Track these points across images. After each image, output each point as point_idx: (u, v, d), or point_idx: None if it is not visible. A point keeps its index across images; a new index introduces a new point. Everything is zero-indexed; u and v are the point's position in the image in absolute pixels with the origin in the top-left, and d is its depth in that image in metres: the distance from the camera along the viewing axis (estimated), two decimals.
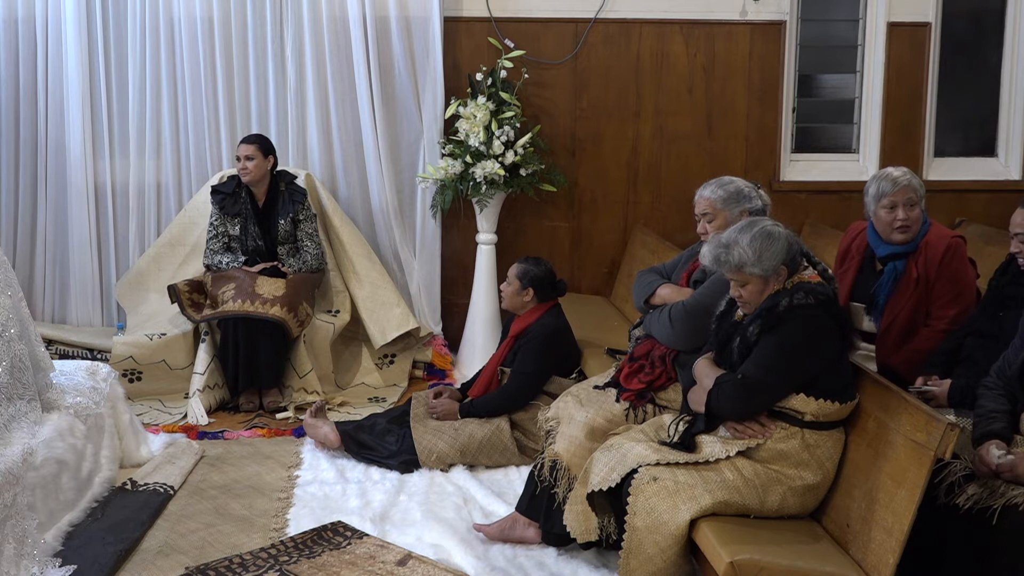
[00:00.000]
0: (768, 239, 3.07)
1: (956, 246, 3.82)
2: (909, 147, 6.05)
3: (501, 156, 5.41)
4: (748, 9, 5.86)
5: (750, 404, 3.05)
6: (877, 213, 3.85)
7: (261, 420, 4.88)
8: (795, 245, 3.12)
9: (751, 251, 3.06)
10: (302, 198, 5.27)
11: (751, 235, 3.08)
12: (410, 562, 3.41)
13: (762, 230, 3.09)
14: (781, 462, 3.03)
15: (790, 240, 3.11)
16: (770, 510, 3.03)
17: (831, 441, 3.04)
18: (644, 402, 3.61)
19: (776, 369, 3.01)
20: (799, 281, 3.10)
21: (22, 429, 3.48)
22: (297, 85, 5.67)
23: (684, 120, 5.94)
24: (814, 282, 3.10)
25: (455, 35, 5.74)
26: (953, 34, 6.08)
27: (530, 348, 4.36)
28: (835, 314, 3.07)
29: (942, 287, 3.79)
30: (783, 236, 3.09)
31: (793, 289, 3.07)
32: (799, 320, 3.01)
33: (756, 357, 3.05)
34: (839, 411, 3.03)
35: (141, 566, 3.42)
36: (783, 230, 3.12)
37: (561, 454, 3.53)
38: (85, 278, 5.74)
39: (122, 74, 5.64)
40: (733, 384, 3.05)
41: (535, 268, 4.45)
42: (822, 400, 3.00)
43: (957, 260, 3.81)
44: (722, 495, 2.99)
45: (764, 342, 3.04)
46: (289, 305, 4.96)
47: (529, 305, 4.46)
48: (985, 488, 2.82)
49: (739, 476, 3.02)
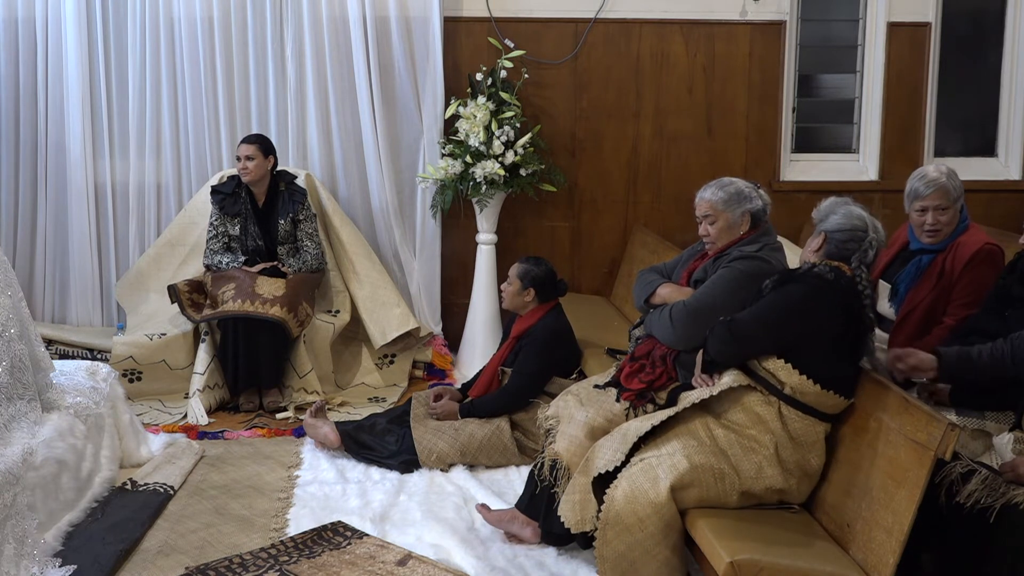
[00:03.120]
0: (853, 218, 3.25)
1: (988, 252, 3.77)
2: (909, 147, 6.06)
3: (501, 156, 5.41)
4: (748, 9, 5.86)
5: (733, 350, 3.17)
6: (910, 213, 3.86)
7: (261, 420, 4.88)
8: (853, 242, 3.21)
9: (832, 206, 3.31)
10: (302, 198, 5.27)
11: (847, 209, 3.27)
12: (410, 562, 3.41)
13: (853, 212, 3.26)
14: (756, 427, 3.08)
15: (854, 235, 3.22)
16: (748, 478, 3.05)
17: (805, 424, 3.06)
18: (644, 402, 3.61)
19: (761, 327, 3.12)
20: (836, 265, 3.17)
21: (22, 429, 3.48)
22: (297, 85, 5.67)
23: (684, 120, 5.94)
24: (846, 272, 3.16)
25: (455, 35, 5.74)
26: (953, 34, 6.09)
27: (532, 349, 4.36)
28: (847, 303, 3.10)
29: (963, 288, 3.77)
30: (854, 227, 3.22)
31: (824, 264, 3.18)
32: (805, 285, 3.13)
33: (753, 306, 3.19)
34: (819, 397, 3.04)
35: (141, 566, 3.42)
36: (864, 226, 3.24)
37: (561, 453, 3.53)
38: (85, 278, 5.74)
39: (122, 74, 5.64)
40: (722, 326, 3.19)
41: (536, 268, 4.45)
42: (804, 377, 3.03)
43: (985, 265, 3.76)
44: (698, 458, 3.05)
45: (764, 300, 3.18)
46: (289, 305, 4.96)
47: (530, 305, 4.46)
48: (985, 487, 2.82)
49: (713, 443, 3.09)
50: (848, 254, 3.20)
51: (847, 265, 3.18)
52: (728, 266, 3.58)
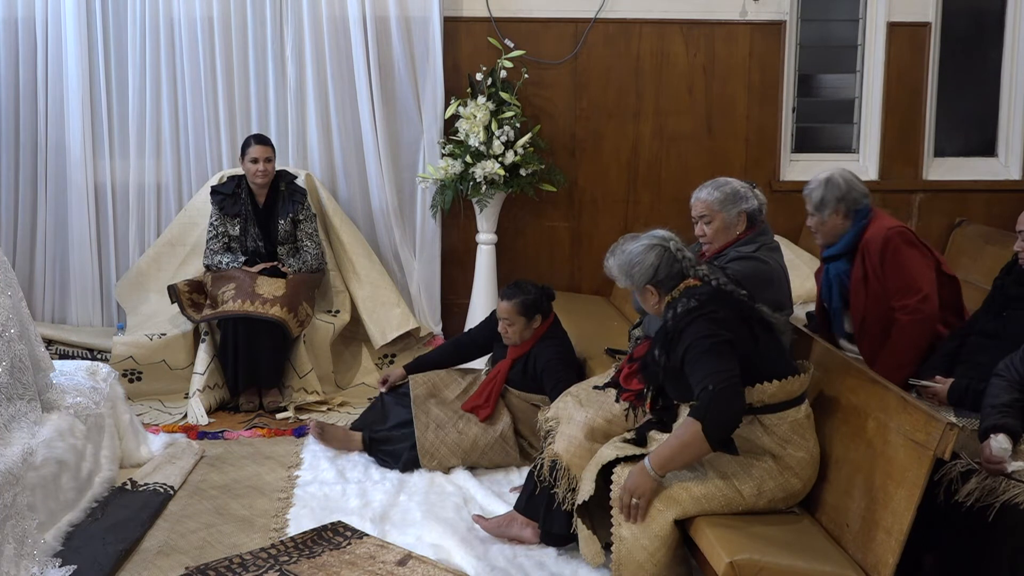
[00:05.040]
0: (630, 265, 3.18)
1: (890, 238, 3.81)
2: (909, 147, 6.06)
3: (501, 156, 5.41)
4: (748, 9, 5.86)
5: (733, 398, 2.90)
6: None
7: (261, 420, 4.88)
8: (664, 268, 3.14)
9: (616, 270, 3.22)
10: (302, 198, 5.27)
11: (622, 258, 3.22)
12: (410, 562, 3.41)
13: (631, 255, 3.18)
14: (746, 445, 3.02)
15: (658, 264, 3.14)
16: (751, 497, 3.01)
17: (787, 424, 3.02)
18: (643, 402, 3.61)
19: (714, 361, 2.90)
20: (681, 290, 3.12)
21: (22, 429, 3.48)
22: (297, 85, 5.67)
23: (684, 120, 5.94)
24: (695, 285, 3.12)
25: (455, 35, 5.74)
26: (953, 34, 6.09)
27: (554, 376, 4.19)
28: (728, 303, 3.05)
29: (892, 280, 3.80)
30: (648, 260, 3.15)
31: (673, 303, 3.09)
32: (692, 322, 2.98)
33: (694, 370, 2.93)
34: (782, 388, 3.00)
35: (141, 566, 3.42)
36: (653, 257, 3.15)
37: (560, 454, 3.53)
38: (85, 278, 5.74)
39: (122, 74, 5.64)
40: (709, 396, 2.88)
41: (525, 295, 4.26)
42: (759, 384, 2.98)
43: (898, 251, 3.80)
44: (698, 490, 3.00)
45: (685, 357, 2.96)
46: (289, 305, 4.97)
47: (534, 328, 4.32)
48: (985, 487, 2.82)
49: (710, 468, 3.03)
50: (666, 279, 3.14)
51: (685, 280, 3.14)
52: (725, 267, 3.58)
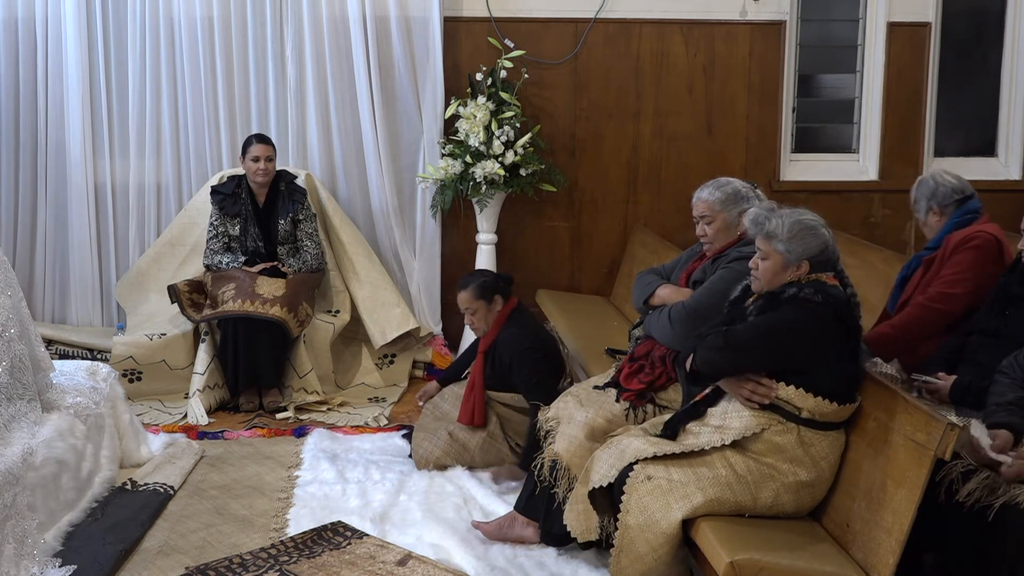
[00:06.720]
0: (807, 230, 3.09)
1: (972, 237, 3.80)
2: (909, 147, 6.06)
3: (501, 156, 5.41)
4: (748, 9, 5.86)
5: (727, 359, 3.06)
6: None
7: (261, 420, 4.88)
8: (830, 252, 3.12)
9: (786, 228, 3.08)
10: (302, 198, 5.27)
11: (796, 219, 3.11)
12: (410, 562, 3.41)
13: (807, 221, 3.12)
14: (775, 455, 3.02)
15: (827, 245, 3.11)
16: (764, 507, 3.02)
17: (827, 441, 3.03)
18: (644, 402, 3.61)
19: (759, 341, 3.04)
20: (815, 279, 3.10)
21: (22, 429, 3.48)
22: (297, 85, 5.67)
23: (684, 120, 5.94)
24: (829, 283, 3.10)
25: (455, 35, 5.74)
26: (953, 34, 6.09)
27: (523, 367, 4.15)
28: (841, 317, 3.05)
29: (948, 269, 3.79)
30: (822, 237, 3.11)
31: (805, 284, 3.08)
32: (798, 309, 3.03)
33: (746, 325, 3.09)
34: (837, 412, 3.02)
35: (141, 566, 3.42)
36: (827, 234, 3.13)
37: (561, 454, 3.53)
38: (85, 278, 5.74)
39: (122, 74, 5.65)
40: (716, 335, 3.08)
41: (480, 279, 4.26)
42: (820, 398, 2.99)
43: (973, 250, 3.78)
44: (714, 492, 2.99)
45: (759, 319, 3.09)
46: (289, 305, 4.96)
47: (496, 312, 4.28)
48: (985, 487, 2.82)
49: (731, 472, 3.02)
50: (824, 262, 3.11)
51: (826, 274, 3.12)
52: (727, 267, 3.58)
